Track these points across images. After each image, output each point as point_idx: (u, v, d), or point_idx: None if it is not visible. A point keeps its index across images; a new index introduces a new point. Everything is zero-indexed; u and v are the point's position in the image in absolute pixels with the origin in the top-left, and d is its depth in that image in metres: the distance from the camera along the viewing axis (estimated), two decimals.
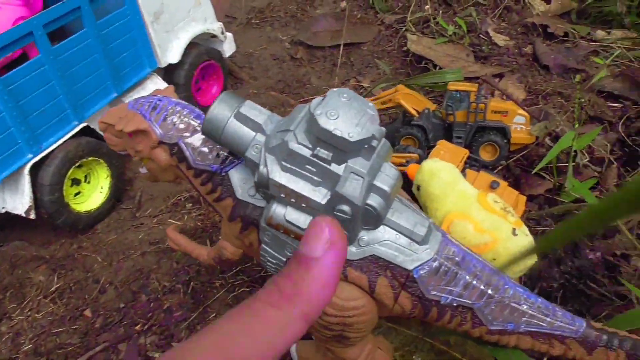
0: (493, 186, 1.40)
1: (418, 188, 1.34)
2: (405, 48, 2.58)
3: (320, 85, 2.42)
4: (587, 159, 1.63)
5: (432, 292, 0.86)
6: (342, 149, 0.68)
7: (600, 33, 2.56)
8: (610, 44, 2.46)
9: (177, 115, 0.96)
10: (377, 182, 0.72)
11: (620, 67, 2.25)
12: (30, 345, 1.44)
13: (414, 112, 1.73)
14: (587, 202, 1.48)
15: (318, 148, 0.69)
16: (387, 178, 0.73)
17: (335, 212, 0.72)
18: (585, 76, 2.22)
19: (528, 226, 1.47)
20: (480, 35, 2.58)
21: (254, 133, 0.76)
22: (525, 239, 1.22)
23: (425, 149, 1.71)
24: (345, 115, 0.67)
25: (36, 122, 1.58)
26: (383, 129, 0.71)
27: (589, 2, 2.62)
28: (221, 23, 2.24)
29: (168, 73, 2.07)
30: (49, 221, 1.70)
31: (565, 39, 2.51)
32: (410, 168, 1.41)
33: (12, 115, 1.49)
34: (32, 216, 1.59)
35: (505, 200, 1.43)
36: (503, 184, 1.43)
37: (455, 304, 0.87)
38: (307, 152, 0.70)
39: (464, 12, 2.73)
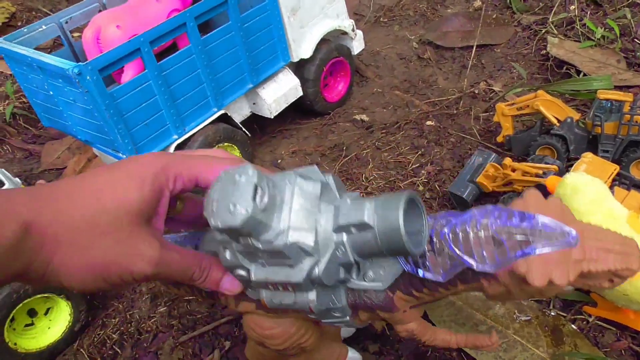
0: None
1: None
2: (544, 52, 2.41)
3: (447, 87, 2.34)
4: None
5: None
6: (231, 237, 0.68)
7: None
8: None
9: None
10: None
11: None
12: (165, 308, 1.58)
13: (554, 120, 1.60)
14: None
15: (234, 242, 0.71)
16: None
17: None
18: None
19: None
20: (635, 39, 2.33)
21: None
22: None
23: (565, 162, 1.58)
24: (223, 199, 0.65)
25: (182, 107, 1.70)
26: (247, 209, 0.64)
27: None
28: (352, 20, 2.25)
29: (299, 68, 2.13)
30: None
31: None
32: (549, 180, 1.31)
33: (164, 98, 1.62)
34: None
35: None
36: None
37: None
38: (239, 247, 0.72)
39: (617, 13, 2.48)
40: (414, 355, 1.30)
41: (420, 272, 0.78)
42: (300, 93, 2.11)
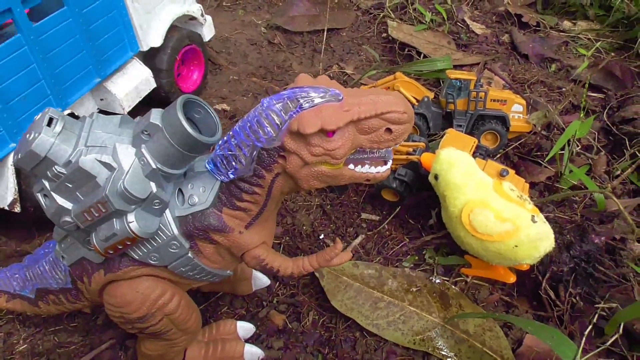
0: (503, 174, 1.42)
1: (436, 177, 1.34)
2: (384, 34, 2.57)
3: (302, 72, 2.36)
4: (579, 147, 1.70)
5: None
6: None
7: (566, 24, 2.66)
8: (578, 35, 2.56)
9: None
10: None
11: (595, 58, 2.34)
12: (26, 345, 1.33)
13: (413, 100, 1.72)
14: (586, 188, 1.54)
15: None
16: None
17: None
18: (560, 66, 2.31)
19: None
20: (458, 23, 2.61)
21: None
22: (544, 225, 1.26)
23: (426, 137, 1.71)
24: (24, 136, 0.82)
25: (17, 111, 1.43)
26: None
27: None
28: (200, 5, 2.13)
29: (149, 58, 1.94)
30: (33, 215, 1.55)
31: (537, 28, 2.59)
32: (424, 157, 1.41)
33: None
34: (17, 209, 1.46)
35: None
36: (511, 171, 1.46)
37: None
38: (52, 185, 0.88)
39: None
40: (319, 343, 1.31)
41: (231, 174, 0.87)
42: (154, 85, 1.94)
